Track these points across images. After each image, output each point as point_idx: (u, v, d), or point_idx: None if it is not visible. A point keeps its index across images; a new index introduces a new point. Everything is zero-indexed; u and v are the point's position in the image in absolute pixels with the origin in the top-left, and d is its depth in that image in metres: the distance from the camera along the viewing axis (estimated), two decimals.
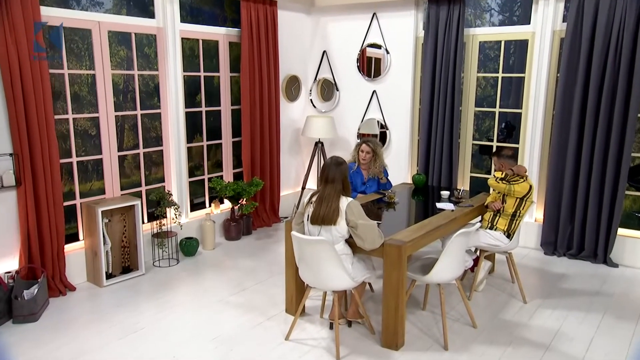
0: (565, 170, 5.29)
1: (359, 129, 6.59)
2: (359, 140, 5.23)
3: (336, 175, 3.47)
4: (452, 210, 4.27)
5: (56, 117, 4.35)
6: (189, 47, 5.62)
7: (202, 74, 5.65)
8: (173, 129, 5.30)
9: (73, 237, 4.71)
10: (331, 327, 3.84)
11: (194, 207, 5.89)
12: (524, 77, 5.60)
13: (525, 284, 4.61)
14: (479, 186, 5.74)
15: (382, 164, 5.10)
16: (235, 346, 3.60)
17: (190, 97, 5.67)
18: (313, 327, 3.87)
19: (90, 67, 4.60)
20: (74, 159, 4.57)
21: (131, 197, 4.82)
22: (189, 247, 5.28)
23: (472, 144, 6.02)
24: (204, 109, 5.73)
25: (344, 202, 3.43)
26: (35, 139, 4.04)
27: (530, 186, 4.16)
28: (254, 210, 6.19)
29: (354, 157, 5.15)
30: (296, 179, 6.95)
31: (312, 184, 6.69)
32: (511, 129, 6.83)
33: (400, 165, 6.34)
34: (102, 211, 4.45)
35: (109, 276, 4.65)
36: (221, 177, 6.04)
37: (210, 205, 5.95)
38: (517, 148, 5.71)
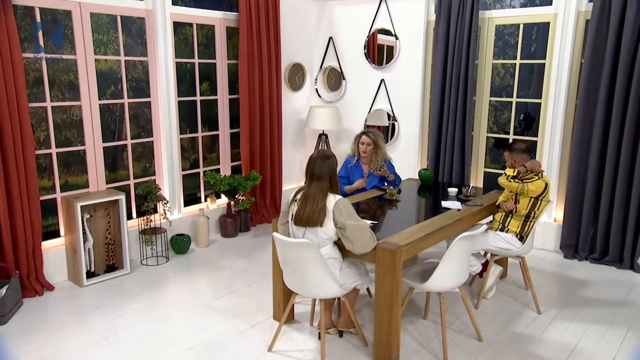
0: (588, 166, 4.82)
1: (366, 120, 6.20)
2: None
3: (323, 170, 3.10)
4: (459, 210, 3.86)
5: (33, 105, 4.07)
6: (182, 32, 5.29)
7: (196, 60, 5.32)
8: (164, 119, 4.99)
9: (55, 234, 4.45)
10: (320, 336, 3.48)
11: (190, 202, 5.59)
12: (544, 64, 5.12)
13: (540, 292, 4.18)
14: (493, 183, 5.26)
15: (384, 157, 4.70)
16: (212, 356, 3.28)
17: (185, 85, 5.35)
18: (301, 337, 3.52)
19: (71, 51, 4.31)
20: (53, 150, 4.29)
21: (116, 191, 4.53)
22: (180, 244, 4.98)
23: (487, 137, 5.57)
24: (198, 98, 5.41)
25: (331, 200, 3.06)
26: (6, 128, 3.76)
27: (546, 184, 3.72)
28: (253, 206, 5.86)
29: (353, 151, 4.76)
30: (300, 173, 6.59)
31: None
32: (530, 121, 6.35)
33: (409, 159, 5.92)
34: (81, 206, 4.17)
35: (91, 275, 4.38)
36: (218, 170, 5.72)
37: (206, 200, 5.64)
38: (536, 141, 5.25)
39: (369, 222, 3.51)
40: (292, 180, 6.54)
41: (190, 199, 5.63)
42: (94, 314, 3.80)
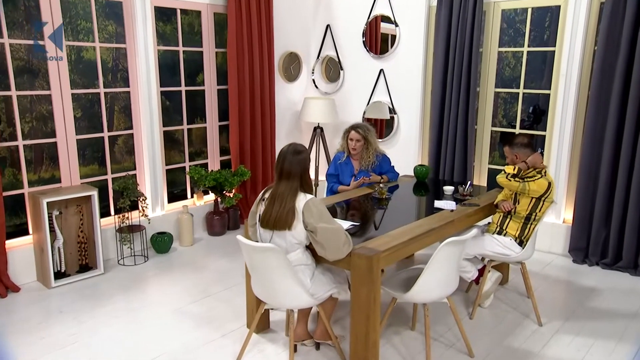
0: (601, 162, 4.42)
1: (364, 113, 5.84)
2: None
3: (293, 167, 2.77)
4: (452, 211, 3.50)
5: None
6: (165, 17, 4.98)
7: (180, 48, 5.03)
8: (144, 110, 4.71)
9: (26, 232, 4.20)
10: (295, 349, 3.17)
11: (178, 198, 5.30)
12: (554, 52, 4.71)
13: (543, 301, 3.80)
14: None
15: (376, 153, 4.36)
16: None
17: (171, 75, 5.06)
18: (273, 349, 3.21)
19: (40, 38, 4.03)
20: (20, 142, 4.03)
21: (88, 186, 4.26)
22: (160, 243, 4.70)
23: (492, 131, 5.18)
24: (183, 88, 5.11)
25: (301, 200, 2.73)
26: None
27: (550, 183, 3.34)
28: (243, 203, 5.56)
29: (342, 146, 4.43)
30: None
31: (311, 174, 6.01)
32: (540, 114, 5.92)
33: (408, 154, 5.56)
34: (48, 202, 3.91)
35: (62, 275, 4.13)
36: (206, 165, 5.43)
37: (192, 197, 5.35)
38: (544, 136, 4.85)
39: (348, 223, 3.18)
40: None
41: (179, 195, 5.34)
42: (57, 319, 3.54)
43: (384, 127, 5.81)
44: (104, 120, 4.55)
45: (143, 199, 4.50)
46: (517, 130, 5.02)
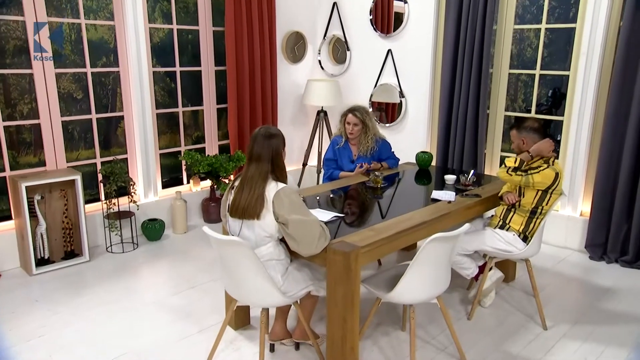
0: (623, 151, 4.03)
1: (371, 96, 5.53)
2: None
3: (263, 150, 2.52)
4: (449, 202, 3.19)
5: None
6: None
7: (174, 26, 4.79)
8: (135, 91, 4.50)
9: (9, 217, 4.07)
10: (272, 348, 2.95)
11: (173, 183, 5.11)
12: (574, 29, 4.30)
13: (552, 301, 3.48)
14: None
15: (375, 137, 4.06)
16: None
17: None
18: (250, 348, 2.99)
19: (18, 12, 3.84)
20: (0, 124, 3.88)
21: (73, 170, 4.10)
22: (151, 230, 4.53)
23: (505, 116, 4.81)
24: (178, 69, 4.89)
25: (272, 189, 2.48)
26: None
27: (557, 174, 3.00)
28: None
29: (340, 131, 4.14)
30: (301, 154, 6.01)
31: (314, 160, 5.75)
32: (561, 97, 5.49)
33: (417, 140, 5.23)
34: (27, 186, 3.75)
35: (45, 262, 3.98)
36: (203, 150, 5.22)
37: (188, 182, 5.16)
38: (562, 121, 4.46)
39: (331, 214, 2.91)
40: (291, 161, 5.97)
41: (177, 180, 5.15)
42: (30, 309, 3.39)
43: (395, 111, 5.48)
44: (92, 101, 4.36)
45: (131, 184, 4.31)
46: (533, 115, 4.64)
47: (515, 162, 3.06)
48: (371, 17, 5.37)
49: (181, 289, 3.69)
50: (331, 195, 3.45)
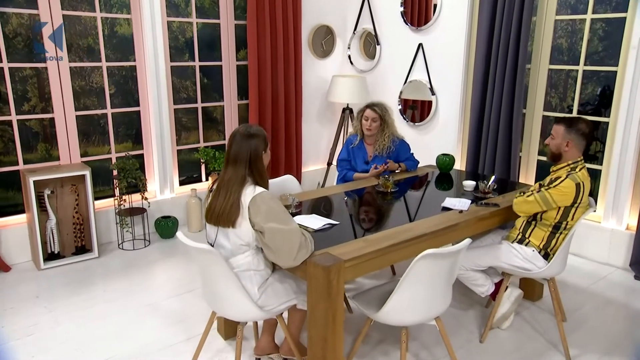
0: None
1: (401, 93, 5.22)
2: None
3: (241, 152, 2.31)
4: (461, 212, 2.87)
5: None
6: None
7: (194, 20, 4.67)
8: (152, 86, 4.42)
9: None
10: None
11: (193, 180, 5.02)
12: (624, 19, 3.83)
13: (582, 326, 3.09)
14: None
15: (393, 137, 3.78)
16: None
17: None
18: None
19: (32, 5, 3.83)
20: (14, 117, 3.88)
21: (84, 165, 4.06)
22: (164, 227, 4.44)
23: (543, 116, 4.38)
24: (197, 63, 4.77)
25: (249, 193, 2.27)
26: None
27: (577, 184, 2.61)
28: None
29: (355, 128, 3.88)
30: (327, 153, 5.77)
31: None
32: (611, 96, 4.94)
33: (448, 141, 4.88)
34: (35, 181, 3.73)
35: (56, 256, 3.97)
36: (223, 147, 5.10)
37: (207, 179, 5.05)
38: (607, 123, 4.00)
39: (324, 222, 2.67)
40: (318, 160, 5.76)
41: (192, 177, 5.07)
42: (27, 306, 3.35)
43: (425, 109, 5.15)
44: (107, 96, 4.32)
45: (142, 180, 4.23)
46: (575, 115, 4.18)
47: (537, 186, 2.73)
48: (402, 8, 5.06)
49: (180, 292, 3.56)
50: (335, 200, 3.21)
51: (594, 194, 4.18)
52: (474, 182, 3.30)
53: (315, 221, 2.68)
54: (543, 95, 4.32)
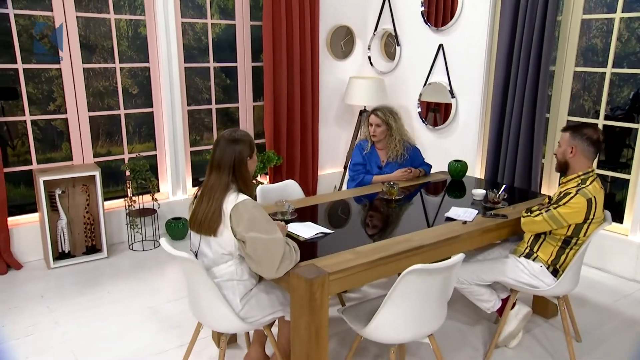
0: None
1: (420, 96, 5.06)
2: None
3: (224, 158, 2.23)
4: (464, 223, 2.71)
5: None
6: None
7: (209, 21, 4.65)
8: (165, 87, 4.42)
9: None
10: None
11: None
12: None
13: (599, 347, 2.88)
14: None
15: (403, 141, 3.64)
16: None
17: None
18: None
19: (46, 7, 3.87)
20: (27, 118, 3.94)
21: (95, 166, 4.09)
22: (174, 229, 4.43)
23: (568, 121, 4.14)
24: (212, 64, 4.75)
25: (231, 201, 2.19)
26: None
27: (589, 200, 2.42)
28: None
29: (365, 134, 3.76)
30: (345, 156, 5.67)
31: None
32: None
33: (467, 146, 4.70)
34: (45, 180, 3.77)
35: (66, 256, 4.02)
36: None
37: None
38: (637, 130, 3.74)
39: (317, 230, 2.57)
40: (335, 163, 5.66)
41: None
42: (31, 305, 3.38)
43: (448, 112, 4.97)
44: (120, 96, 4.34)
45: (151, 181, 4.22)
46: (601, 122, 3.94)
47: (537, 206, 2.55)
48: (423, 8, 4.89)
49: (180, 295, 3.52)
50: (336, 207, 3.10)
51: (622, 205, 3.93)
52: (483, 191, 3.13)
53: (308, 230, 2.58)
54: (568, 99, 4.09)
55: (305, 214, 2.91)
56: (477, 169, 4.62)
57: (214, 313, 2.24)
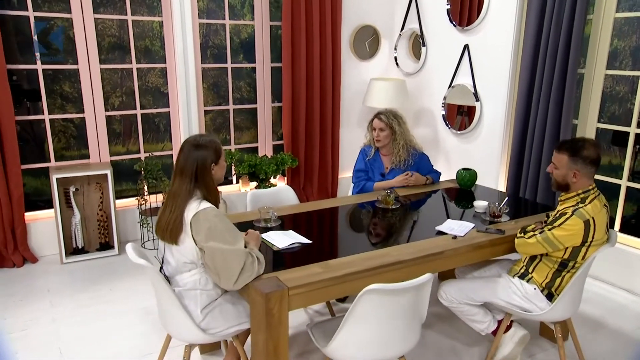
0: None
1: (444, 99, 4.83)
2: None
3: (188, 163, 2.18)
4: (455, 238, 2.53)
5: (11, 66, 3.84)
6: None
7: (227, 22, 4.64)
8: (181, 87, 4.45)
9: None
10: None
11: (226, 183, 5.02)
12: None
13: None
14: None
15: (412, 150, 3.48)
16: None
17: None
18: None
19: (64, 9, 3.97)
20: (46, 117, 4.07)
21: (107, 164, 4.17)
22: None
23: (597, 129, 3.82)
24: (229, 65, 4.74)
25: (192, 209, 2.13)
26: None
27: (586, 221, 2.18)
28: (299, 193, 5.03)
29: (368, 139, 3.62)
30: None
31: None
32: None
33: (492, 153, 4.44)
34: (58, 178, 3.88)
35: (80, 251, 4.13)
36: (256, 149, 5.03)
37: (238, 182, 5.01)
38: None
39: (292, 240, 2.47)
40: None
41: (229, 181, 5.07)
42: (37, 299, 3.49)
43: (471, 117, 4.73)
44: (137, 97, 4.40)
45: (164, 181, 4.26)
46: (633, 129, 3.60)
47: (533, 226, 2.34)
48: (448, 6, 4.67)
49: None
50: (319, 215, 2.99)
51: None
52: (485, 203, 2.92)
53: (285, 239, 2.49)
54: (598, 104, 3.77)
55: (292, 222, 2.82)
56: (501, 180, 4.36)
57: (174, 322, 2.20)
